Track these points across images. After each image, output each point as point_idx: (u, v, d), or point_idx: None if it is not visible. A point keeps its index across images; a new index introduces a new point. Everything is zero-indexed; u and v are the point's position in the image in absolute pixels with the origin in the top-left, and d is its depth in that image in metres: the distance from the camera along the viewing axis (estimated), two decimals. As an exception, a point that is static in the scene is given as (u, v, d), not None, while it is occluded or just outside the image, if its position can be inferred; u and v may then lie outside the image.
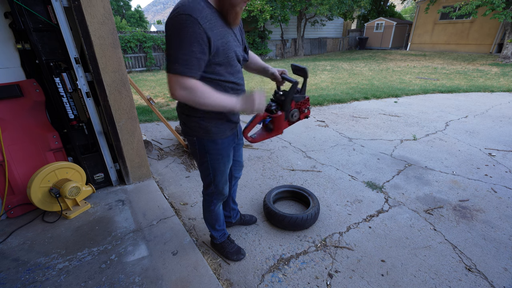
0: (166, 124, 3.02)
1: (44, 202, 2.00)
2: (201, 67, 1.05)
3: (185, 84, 1.02)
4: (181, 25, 0.96)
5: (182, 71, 1.00)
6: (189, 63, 1.00)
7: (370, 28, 19.47)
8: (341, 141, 3.59)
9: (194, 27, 0.97)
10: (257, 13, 12.30)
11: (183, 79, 1.01)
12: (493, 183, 2.54)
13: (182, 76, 1.01)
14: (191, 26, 0.96)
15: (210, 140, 1.28)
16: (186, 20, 0.96)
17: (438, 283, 1.54)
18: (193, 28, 0.97)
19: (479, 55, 12.82)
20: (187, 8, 0.97)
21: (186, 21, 0.96)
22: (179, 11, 0.97)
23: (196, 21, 0.97)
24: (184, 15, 0.96)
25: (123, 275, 1.54)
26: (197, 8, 0.98)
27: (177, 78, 1.01)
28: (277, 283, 1.55)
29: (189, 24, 0.96)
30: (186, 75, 1.01)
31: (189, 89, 1.03)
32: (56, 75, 1.94)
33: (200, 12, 0.98)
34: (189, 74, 1.01)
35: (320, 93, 6.23)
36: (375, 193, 2.41)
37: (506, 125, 4.02)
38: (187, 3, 0.98)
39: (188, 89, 1.03)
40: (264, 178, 2.69)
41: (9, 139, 1.97)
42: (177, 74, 1.00)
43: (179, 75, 1.01)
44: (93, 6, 1.85)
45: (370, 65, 11.05)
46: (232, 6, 1.05)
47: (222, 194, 1.51)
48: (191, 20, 0.96)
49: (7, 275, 1.54)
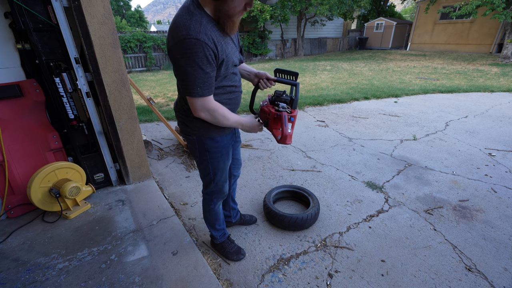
0: (166, 124, 3.02)
1: (44, 202, 2.00)
2: (214, 84, 1.13)
3: (208, 105, 1.12)
4: (191, 49, 0.98)
5: (204, 93, 1.08)
6: (207, 85, 1.07)
7: (370, 28, 19.46)
8: (341, 141, 3.59)
9: (204, 50, 0.99)
10: (257, 13, 12.30)
11: (205, 100, 1.10)
12: (493, 183, 2.54)
13: (204, 97, 1.09)
14: (202, 50, 0.99)
15: (209, 138, 1.29)
16: (196, 44, 0.97)
17: (438, 283, 1.54)
18: (203, 52, 0.99)
19: (479, 55, 12.81)
20: (192, 31, 0.97)
21: (196, 45, 0.97)
22: (185, 35, 0.97)
23: (204, 43, 0.98)
24: (193, 39, 0.97)
25: (123, 275, 1.54)
26: (201, 30, 0.98)
27: (201, 101, 1.10)
28: (277, 283, 1.55)
29: (199, 48, 0.98)
30: (208, 96, 1.10)
31: (211, 110, 1.13)
32: (56, 75, 1.94)
33: (205, 33, 0.99)
34: (209, 94, 1.10)
35: (320, 93, 6.23)
36: (375, 193, 2.41)
37: (506, 125, 4.02)
38: (189, 23, 0.98)
39: (210, 110, 1.13)
40: (264, 178, 2.69)
41: (9, 139, 1.97)
42: (201, 97, 1.08)
43: (202, 98, 1.09)
44: (93, 6, 1.85)
45: (370, 65, 11.05)
46: (229, 17, 1.05)
47: (222, 192, 1.51)
48: (200, 44, 0.97)
49: (7, 275, 1.54)
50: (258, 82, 1.46)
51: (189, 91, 1.07)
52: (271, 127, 1.34)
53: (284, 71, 1.39)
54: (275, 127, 1.32)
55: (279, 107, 1.32)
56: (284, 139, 1.29)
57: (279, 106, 1.32)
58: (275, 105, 1.34)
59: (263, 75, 1.44)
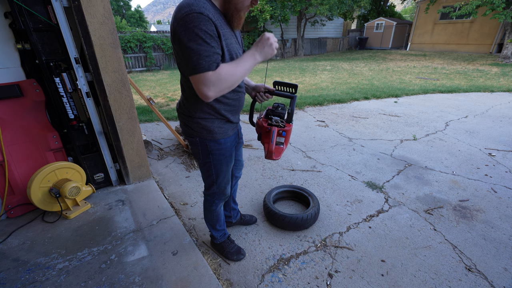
0: (166, 124, 3.02)
1: (44, 202, 2.00)
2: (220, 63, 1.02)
3: (213, 78, 0.98)
4: (193, 23, 0.93)
5: (209, 67, 0.97)
6: (212, 58, 0.98)
7: (370, 28, 19.46)
8: (341, 141, 3.59)
9: (207, 24, 0.95)
10: (257, 13, 12.30)
11: (211, 74, 0.98)
12: (493, 183, 2.54)
13: (209, 72, 0.97)
14: (204, 23, 0.94)
15: (213, 140, 1.27)
16: (198, 17, 0.93)
17: (438, 283, 1.54)
18: (206, 25, 0.95)
19: (479, 55, 12.81)
20: (195, 7, 0.95)
21: (199, 18, 0.94)
22: (188, 11, 0.94)
23: (208, 17, 0.95)
24: (196, 13, 0.94)
25: (123, 275, 1.54)
26: (205, 7, 0.97)
27: (205, 76, 0.98)
28: (277, 283, 1.55)
29: (202, 21, 0.94)
30: (212, 70, 0.98)
31: (217, 80, 0.99)
32: (56, 75, 1.94)
33: (209, 11, 0.97)
34: (214, 69, 0.99)
35: (320, 93, 6.23)
36: (375, 193, 2.41)
37: (506, 125, 4.02)
38: (192, 1, 0.96)
39: (217, 81, 0.99)
40: (264, 178, 2.69)
41: (9, 139, 1.97)
42: (205, 71, 0.97)
43: (206, 72, 0.97)
44: (93, 6, 1.85)
45: (370, 65, 11.04)
46: (238, 10, 1.05)
47: (224, 194, 1.51)
48: (202, 18, 0.94)
49: (7, 275, 1.54)
50: (255, 95, 1.45)
51: (193, 66, 0.97)
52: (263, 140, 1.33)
53: (283, 83, 1.37)
54: (266, 141, 1.30)
55: (272, 121, 1.31)
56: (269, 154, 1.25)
57: (272, 120, 1.31)
58: (269, 119, 1.33)
59: (260, 87, 1.43)
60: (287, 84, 1.36)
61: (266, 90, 1.42)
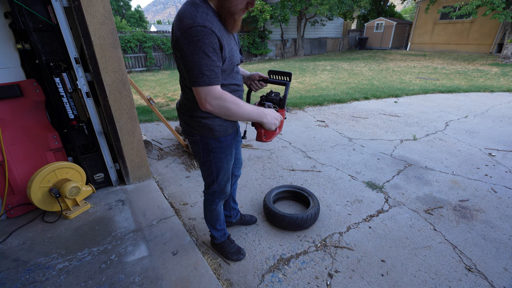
0: (166, 124, 3.02)
1: (44, 202, 2.00)
2: (220, 75, 1.08)
3: (216, 93, 1.05)
4: (197, 36, 0.96)
5: (211, 82, 1.03)
6: (214, 73, 1.03)
7: (370, 28, 19.46)
8: (341, 141, 3.59)
9: (211, 38, 0.98)
10: (257, 13, 12.31)
11: (213, 89, 1.04)
12: (493, 183, 2.54)
13: (211, 86, 1.03)
14: (208, 37, 0.97)
15: (213, 138, 1.28)
16: (202, 31, 0.96)
17: (438, 283, 1.54)
18: (209, 39, 0.98)
19: (479, 55, 12.82)
20: (199, 19, 0.96)
21: (202, 32, 0.96)
22: (191, 23, 0.96)
23: (211, 31, 0.97)
24: (199, 27, 0.96)
25: (123, 275, 1.54)
26: (208, 19, 0.98)
27: (208, 89, 1.03)
28: (277, 283, 1.55)
29: (205, 35, 0.96)
30: (215, 85, 1.04)
31: (219, 98, 1.06)
32: (56, 75, 1.94)
33: (212, 23, 0.99)
34: (216, 83, 1.04)
35: (320, 93, 6.23)
36: (375, 193, 2.41)
37: (506, 125, 4.02)
38: (195, 13, 0.98)
39: (219, 98, 1.06)
40: (264, 178, 2.69)
41: (9, 139, 1.97)
42: (207, 85, 1.03)
43: (209, 86, 1.03)
44: (93, 6, 1.85)
45: (370, 65, 11.05)
46: (231, 14, 1.06)
47: (224, 192, 1.51)
48: (206, 31, 0.96)
49: (7, 275, 1.54)
50: (250, 84, 1.49)
51: (195, 80, 1.02)
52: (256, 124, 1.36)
53: (277, 72, 1.42)
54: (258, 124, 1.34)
55: (265, 106, 1.33)
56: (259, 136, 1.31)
57: (265, 105, 1.34)
58: (262, 105, 1.36)
59: (255, 76, 1.47)
60: (281, 73, 1.40)
61: (260, 78, 1.48)
